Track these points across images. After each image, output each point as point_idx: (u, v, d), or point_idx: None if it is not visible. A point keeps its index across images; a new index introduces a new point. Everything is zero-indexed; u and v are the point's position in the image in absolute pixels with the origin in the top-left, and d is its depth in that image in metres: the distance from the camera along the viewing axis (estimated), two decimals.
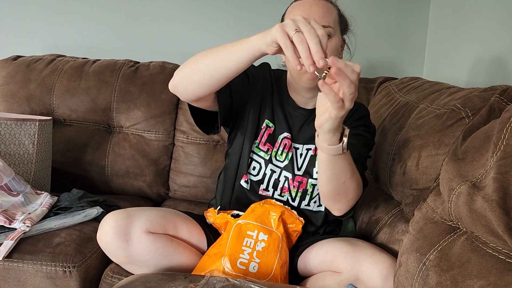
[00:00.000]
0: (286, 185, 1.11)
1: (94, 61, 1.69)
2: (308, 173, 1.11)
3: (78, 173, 1.59)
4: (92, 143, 1.60)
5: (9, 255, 1.04)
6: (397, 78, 1.61)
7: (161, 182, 1.63)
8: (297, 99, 1.13)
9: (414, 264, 0.78)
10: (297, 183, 1.11)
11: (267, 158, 1.11)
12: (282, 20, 1.08)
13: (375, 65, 1.14)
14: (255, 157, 1.12)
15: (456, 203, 0.74)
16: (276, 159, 1.12)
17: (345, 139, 0.82)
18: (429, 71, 1.85)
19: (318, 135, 0.83)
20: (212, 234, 1.10)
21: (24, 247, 1.07)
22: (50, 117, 1.46)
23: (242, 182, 1.12)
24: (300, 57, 0.71)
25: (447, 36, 1.69)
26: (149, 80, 1.63)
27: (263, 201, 1.10)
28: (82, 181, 1.58)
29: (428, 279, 0.73)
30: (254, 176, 1.12)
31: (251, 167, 1.12)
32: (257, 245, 1.00)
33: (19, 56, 1.72)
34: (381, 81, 1.63)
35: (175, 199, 1.65)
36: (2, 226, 1.09)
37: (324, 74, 0.72)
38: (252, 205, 1.08)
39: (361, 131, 1.08)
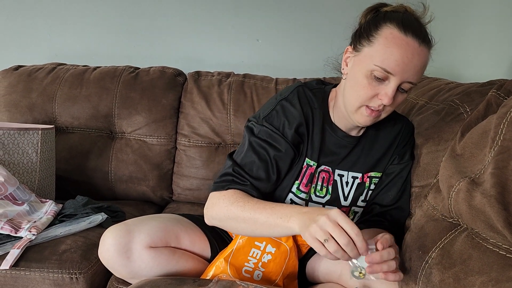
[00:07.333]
0: None
1: (95, 68, 1.70)
2: (354, 203, 1.05)
3: (82, 180, 1.60)
4: (95, 150, 1.61)
5: (16, 264, 1.05)
6: None
7: (165, 186, 1.64)
8: (341, 124, 1.01)
9: (417, 262, 0.78)
10: None
11: (307, 198, 1.03)
12: (364, 33, 0.89)
13: None
14: (295, 199, 1.03)
15: (455, 199, 0.74)
16: (316, 195, 1.03)
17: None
18: (427, 67, 1.85)
19: None
20: (216, 239, 1.09)
21: (31, 255, 1.08)
22: (53, 125, 1.47)
23: None
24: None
25: (445, 31, 1.68)
26: (150, 85, 1.64)
27: None
28: (86, 187, 1.59)
29: (431, 277, 0.73)
30: None
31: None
32: (263, 257, 0.98)
33: (20, 66, 1.73)
34: None
35: (178, 202, 1.66)
36: (8, 235, 1.10)
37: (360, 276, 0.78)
38: None
39: (405, 170, 1.05)
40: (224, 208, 0.91)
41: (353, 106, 0.92)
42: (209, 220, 0.97)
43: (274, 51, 1.93)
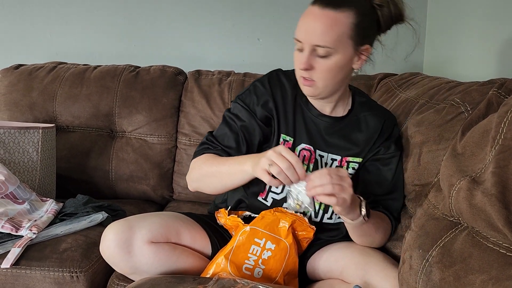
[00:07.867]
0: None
1: (95, 67, 1.70)
2: None
3: (82, 179, 1.60)
4: (95, 149, 1.62)
5: (16, 262, 1.05)
6: (397, 74, 1.61)
7: (165, 185, 1.64)
8: (314, 103, 1.09)
9: (417, 261, 0.78)
10: None
11: None
12: None
13: (374, 61, 1.12)
14: None
15: (456, 198, 0.74)
16: None
17: (363, 211, 0.92)
18: (428, 66, 1.85)
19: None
20: (216, 237, 1.09)
21: (31, 254, 1.08)
22: (53, 124, 1.48)
23: (260, 199, 1.09)
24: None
25: (445, 30, 1.68)
26: (150, 84, 1.64)
27: (274, 208, 1.06)
28: (86, 186, 1.59)
29: (432, 276, 0.73)
30: (278, 194, 1.08)
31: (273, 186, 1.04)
32: (263, 254, 0.99)
33: (20, 65, 1.74)
34: (381, 78, 1.63)
35: (179, 201, 1.66)
36: (9, 233, 1.10)
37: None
38: (263, 212, 1.05)
39: (393, 161, 1.08)
40: (198, 168, 1.06)
41: (297, 79, 1.04)
42: (190, 184, 1.10)
43: (274, 50, 1.93)
